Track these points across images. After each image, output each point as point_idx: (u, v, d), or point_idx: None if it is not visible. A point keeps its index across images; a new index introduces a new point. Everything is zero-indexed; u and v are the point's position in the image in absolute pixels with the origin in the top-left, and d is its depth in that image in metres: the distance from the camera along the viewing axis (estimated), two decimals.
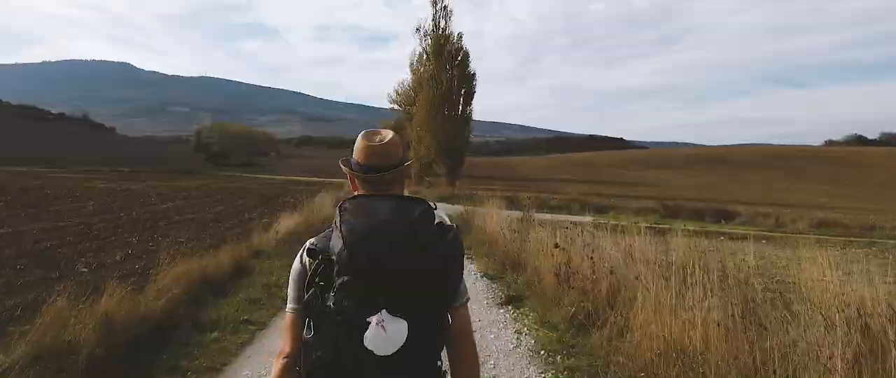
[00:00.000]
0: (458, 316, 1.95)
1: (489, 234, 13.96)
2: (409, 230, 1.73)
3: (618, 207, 36.27)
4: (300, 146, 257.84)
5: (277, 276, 9.65)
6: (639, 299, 5.53)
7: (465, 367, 1.96)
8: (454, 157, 55.02)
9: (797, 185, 78.45)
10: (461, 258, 1.87)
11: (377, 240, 1.69)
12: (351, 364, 1.70)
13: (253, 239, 12.77)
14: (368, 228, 1.71)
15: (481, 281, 10.10)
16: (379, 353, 1.66)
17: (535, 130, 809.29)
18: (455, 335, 1.94)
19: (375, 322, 1.65)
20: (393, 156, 2.02)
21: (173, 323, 6.59)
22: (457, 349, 1.97)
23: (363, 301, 1.68)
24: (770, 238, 23.77)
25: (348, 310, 1.67)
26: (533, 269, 9.04)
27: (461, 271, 1.90)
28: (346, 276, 1.69)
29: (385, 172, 1.99)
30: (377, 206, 1.80)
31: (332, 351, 1.71)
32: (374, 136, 2.05)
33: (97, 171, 77.20)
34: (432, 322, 1.79)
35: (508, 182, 70.01)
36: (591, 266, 7.01)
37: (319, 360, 1.73)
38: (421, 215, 1.78)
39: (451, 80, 54.10)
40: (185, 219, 18.68)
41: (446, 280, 1.79)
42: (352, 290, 1.68)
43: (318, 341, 1.74)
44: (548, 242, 9.31)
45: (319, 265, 1.75)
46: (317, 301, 1.73)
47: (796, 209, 38.56)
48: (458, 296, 1.92)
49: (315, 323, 1.76)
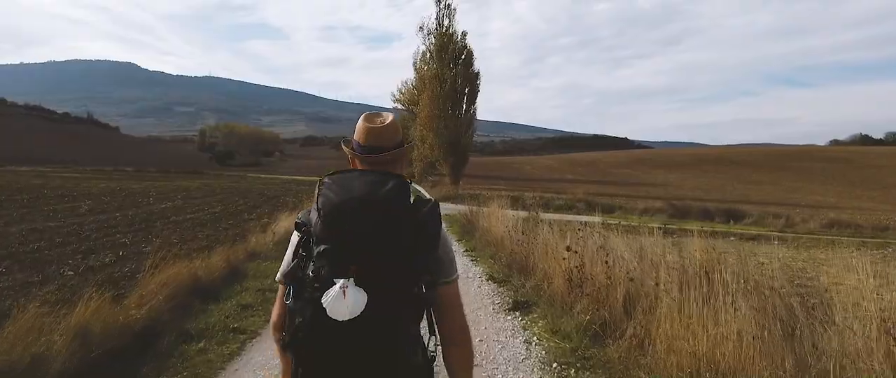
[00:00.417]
0: (443, 293, 1.98)
1: (494, 235, 13.46)
2: (380, 203, 1.78)
3: (625, 207, 35.77)
4: (305, 146, 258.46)
5: (272, 280, 9.18)
6: (661, 308, 5.04)
7: (452, 339, 2.00)
8: (458, 157, 54.45)
9: (807, 185, 77.81)
10: (435, 231, 1.89)
11: (349, 212, 1.75)
12: (326, 329, 1.71)
13: (249, 240, 12.33)
14: (341, 201, 1.77)
15: (487, 285, 9.62)
16: (335, 317, 1.67)
17: (540, 130, 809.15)
18: (441, 313, 1.99)
19: (339, 286, 1.67)
20: (392, 138, 2.10)
21: (157, 332, 6.14)
22: (445, 324, 2.00)
23: (338, 269, 1.71)
24: (781, 238, 23.27)
25: (324, 277, 1.72)
26: (542, 272, 8.54)
27: (435, 244, 1.92)
28: (322, 246, 1.76)
29: (383, 153, 2.07)
30: (353, 181, 1.85)
31: (310, 315, 1.73)
32: (374, 118, 2.15)
33: (101, 171, 77.25)
34: (403, 289, 1.79)
35: (513, 182, 69.61)
36: (606, 271, 6.51)
37: (300, 324, 1.76)
38: (393, 189, 1.82)
39: (455, 79, 53.50)
40: (182, 219, 18.25)
41: (416, 250, 1.81)
42: (328, 258, 1.74)
43: (298, 307, 1.78)
44: (556, 244, 8.83)
45: (302, 237, 1.85)
46: (298, 270, 1.81)
47: (806, 209, 37.99)
48: (440, 271, 1.97)
49: (296, 291, 1.81)
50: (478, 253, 13.09)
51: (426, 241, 1.86)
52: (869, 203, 54.85)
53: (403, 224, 1.78)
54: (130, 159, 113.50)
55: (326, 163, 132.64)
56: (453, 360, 2.03)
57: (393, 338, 1.78)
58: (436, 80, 52.98)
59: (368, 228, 1.74)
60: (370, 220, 1.75)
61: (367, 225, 1.74)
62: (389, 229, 1.76)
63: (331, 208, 1.77)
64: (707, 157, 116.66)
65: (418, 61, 57.26)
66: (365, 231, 1.74)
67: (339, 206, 1.76)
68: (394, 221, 1.77)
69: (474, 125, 56.71)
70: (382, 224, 1.75)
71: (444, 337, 2.01)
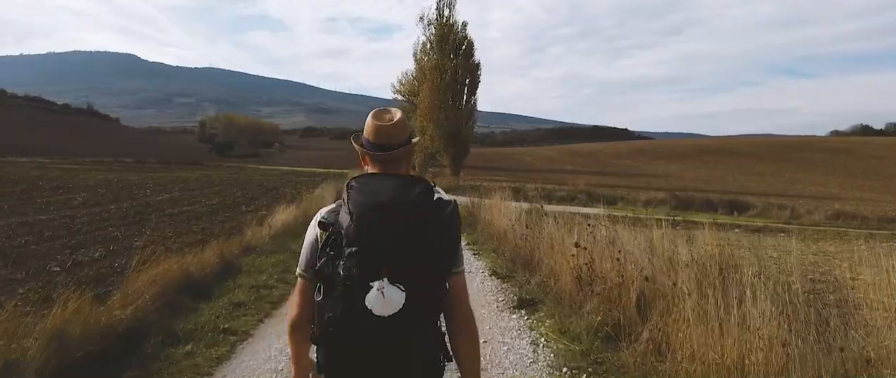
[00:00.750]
0: (453, 284, 2.07)
1: (497, 228, 13.09)
2: (409, 208, 1.87)
3: (627, 199, 35.41)
4: (304, 137, 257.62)
5: (267, 276, 8.87)
6: (681, 311, 4.68)
7: (460, 327, 2.10)
8: (458, 148, 54.08)
9: (809, 176, 77.23)
10: (457, 231, 2.00)
11: (380, 216, 1.83)
12: (357, 323, 1.82)
13: (245, 233, 11.97)
14: (373, 206, 1.85)
15: (490, 280, 9.27)
16: (378, 313, 1.79)
17: (540, 121, 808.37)
18: (451, 300, 2.06)
19: (376, 287, 1.77)
20: (401, 135, 2.16)
21: (143, 333, 5.79)
22: (453, 313, 2.10)
23: (368, 269, 1.80)
24: (787, 230, 22.92)
25: (355, 276, 1.80)
26: (547, 268, 8.18)
27: (457, 243, 2.05)
28: (353, 247, 1.82)
29: (392, 151, 2.13)
30: (381, 185, 1.94)
31: (341, 311, 1.83)
32: (383, 115, 2.19)
33: (101, 163, 76.79)
34: (430, 289, 1.90)
35: (513, 173, 69.19)
36: (617, 269, 6.15)
37: (330, 319, 1.86)
38: (420, 194, 1.91)
39: (456, 69, 53.06)
40: (178, 211, 17.87)
41: (442, 252, 1.93)
42: (358, 259, 1.81)
43: (329, 303, 1.86)
44: (562, 239, 8.49)
45: (330, 236, 1.90)
46: (328, 268, 1.87)
47: (810, 200, 37.61)
48: (454, 264, 2.06)
49: (326, 287, 1.88)
50: (480, 247, 12.74)
51: (449, 243, 1.98)
52: (871, 193, 54.39)
53: (430, 228, 1.88)
54: (131, 150, 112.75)
55: (326, 154, 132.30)
56: (462, 346, 2.13)
57: (420, 333, 1.91)
58: (436, 71, 52.57)
59: (398, 232, 1.83)
60: (399, 225, 1.84)
61: (397, 229, 1.83)
62: (417, 233, 1.85)
63: (362, 212, 1.85)
64: (708, 148, 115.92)
65: (418, 52, 56.79)
66: (395, 234, 1.83)
67: (370, 210, 1.85)
68: (421, 226, 1.86)
69: (475, 116, 56.34)
70: (411, 228, 1.85)
71: (453, 324, 2.12)
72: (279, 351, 5.73)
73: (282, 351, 5.73)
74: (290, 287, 8.53)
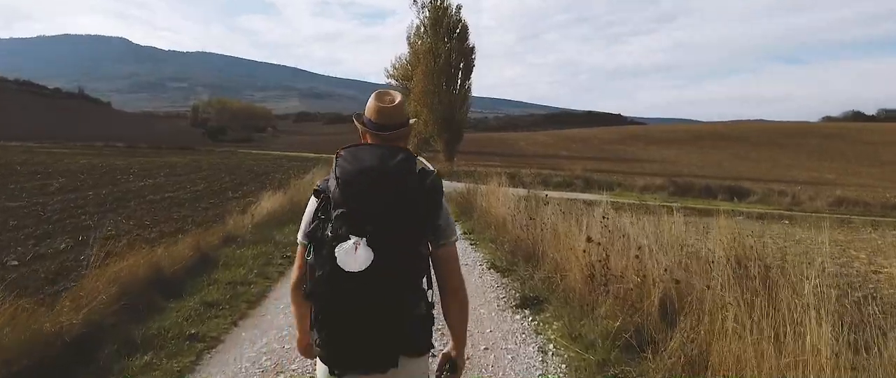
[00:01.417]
0: (443, 253, 2.20)
1: (494, 216, 12.36)
2: (389, 173, 2.01)
3: (624, 185, 34.75)
4: (298, 122, 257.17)
5: (247, 270, 8.13)
6: (719, 320, 3.98)
7: (451, 294, 2.24)
8: (452, 133, 53.32)
9: (803, 161, 76.94)
10: (437, 198, 2.14)
11: (364, 181, 1.98)
12: (344, 280, 1.93)
13: (228, 222, 11.23)
14: (357, 171, 2.00)
15: (489, 274, 8.55)
16: (346, 269, 1.90)
17: (534, 106, 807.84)
18: (441, 269, 2.22)
19: (351, 242, 1.89)
20: (400, 116, 2.32)
21: (97, 340, 5.08)
22: (444, 279, 2.23)
23: (354, 230, 1.92)
24: (790, 217, 22.30)
25: (342, 236, 1.92)
26: (552, 262, 7.45)
27: (437, 209, 2.15)
28: (340, 210, 1.97)
29: (391, 131, 2.28)
30: (366, 153, 2.07)
31: (329, 269, 1.94)
32: (385, 97, 2.35)
33: (91, 147, 76.18)
34: (410, 248, 2.02)
35: (508, 158, 68.51)
36: (637, 268, 5.43)
37: (319, 277, 1.98)
38: (401, 162, 2.04)
39: (450, 53, 52.18)
40: (159, 198, 17.07)
41: (420, 214, 2.06)
42: (345, 219, 1.95)
43: (317, 262, 1.99)
44: (567, 229, 7.79)
45: (321, 202, 2.07)
46: (319, 230, 2.01)
47: (810, 186, 37.01)
48: (441, 234, 2.18)
49: (316, 248, 2.01)
50: (477, 236, 12.02)
51: (430, 205, 2.10)
52: (868, 180, 53.98)
53: (410, 191, 2.02)
54: (123, 135, 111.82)
55: (319, 138, 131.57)
56: (452, 311, 2.27)
57: (401, 289, 2.01)
58: (430, 55, 51.73)
59: (380, 195, 1.97)
60: (381, 188, 1.98)
61: (379, 192, 1.97)
62: (398, 195, 1.99)
63: (347, 177, 1.98)
64: (702, 133, 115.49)
65: (412, 35, 55.80)
66: (377, 197, 1.97)
67: (354, 175, 1.98)
68: (402, 189, 2.00)
69: (469, 101, 55.59)
70: (392, 191, 1.99)
71: (444, 290, 2.24)
72: (252, 361, 5.03)
73: (255, 361, 5.03)
74: (270, 282, 7.84)
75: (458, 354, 2.30)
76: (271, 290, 7.50)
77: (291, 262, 8.93)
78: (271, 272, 8.31)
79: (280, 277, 8.12)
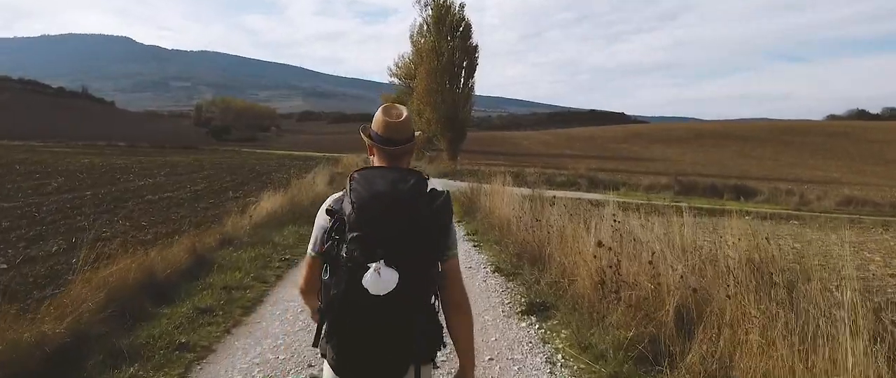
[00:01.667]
0: (447, 266, 2.25)
1: (499, 217, 12.09)
2: (403, 198, 2.06)
3: (628, 184, 34.40)
4: (301, 121, 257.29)
5: (243, 274, 7.87)
6: (741, 332, 3.70)
7: (455, 310, 2.28)
8: (456, 132, 53.05)
9: (807, 159, 76.49)
10: (448, 220, 2.19)
11: (378, 206, 2.03)
12: (357, 300, 1.99)
13: (226, 223, 10.98)
14: (371, 196, 2.05)
15: (493, 278, 8.28)
16: (373, 292, 1.95)
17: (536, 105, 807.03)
18: (445, 282, 2.26)
19: (373, 268, 1.94)
20: (406, 131, 2.37)
21: (83, 350, 4.82)
22: (447, 294, 2.27)
23: (367, 252, 1.98)
24: (799, 217, 21.98)
25: (356, 258, 1.99)
26: (559, 266, 7.17)
27: (447, 230, 2.22)
28: (355, 233, 2.01)
29: (398, 146, 2.34)
30: (378, 178, 2.12)
31: (344, 289, 2.02)
32: (392, 112, 2.39)
33: (93, 146, 76.03)
34: (423, 270, 2.08)
35: (511, 157, 68.22)
36: (651, 274, 5.15)
37: (335, 296, 2.04)
38: (414, 186, 2.10)
39: (453, 51, 51.97)
40: (158, 198, 16.82)
41: (433, 236, 2.11)
42: (359, 243, 2.00)
43: (333, 282, 2.06)
44: (574, 231, 7.52)
45: (335, 222, 2.11)
46: (333, 250, 2.08)
47: (815, 186, 36.65)
48: (446, 249, 2.23)
49: (331, 268, 2.09)
50: (481, 237, 11.76)
51: (440, 229, 2.17)
52: (874, 178, 53.52)
53: (422, 218, 2.07)
54: (126, 134, 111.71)
55: (323, 138, 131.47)
56: (456, 326, 2.30)
57: (413, 309, 2.09)
58: (433, 53, 51.51)
59: (393, 220, 2.02)
60: (394, 213, 2.03)
61: (392, 217, 2.03)
62: (411, 221, 2.04)
63: (362, 203, 2.04)
64: (705, 132, 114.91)
65: (415, 34, 55.57)
66: (390, 222, 2.02)
67: (368, 200, 2.04)
68: (415, 215, 2.05)
69: (472, 99, 55.29)
70: (405, 216, 2.04)
71: (447, 303, 2.29)
72: (244, 373, 4.77)
73: (247, 373, 4.77)
74: (267, 286, 7.59)
75: (467, 374, 2.35)
76: (268, 294, 7.24)
77: (289, 265, 8.71)
78: (268, 276, 8.07)
79: (277, 281, 7.87)
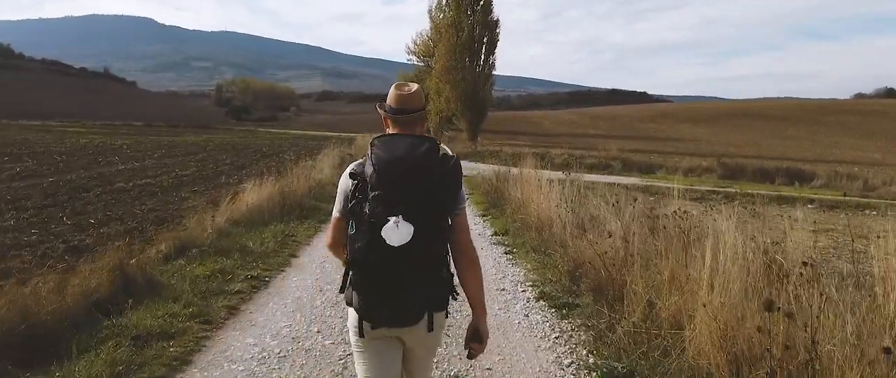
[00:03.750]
0: (457, 221, 2.51)
1: (536, 213, 9.54)
2: (419, 161, 2.32)
3: (666, 166, 31.70)
4: (320, 101, 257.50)
5: (181, 307, 5.41)
6: None
7: (464, 257, 2.54)
8: (476, 111, 50.63)
9: (845, 139, 73.21)
10: (457, 179, 2.45)
11: (396, 167, 2.29)
12: (380, 250, 2.23)
13: (190, 221, 8.57)
14: (390, 159, 2.31)
15: (538, 311, 5.77)
16: (392, 243, 2.20)
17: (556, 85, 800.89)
18: (455, 233, 2.51)
19: (392, 221, 2.20)
20: (416, 102, 2.62)
21: None
22: (455, 243, 2.52)
23: (388, 208, 2.24)
24: (870, 206, 19.28)
25: (378, 214, 2.25)
26: (644, 303, 4.72)
27: (458, 189, 2.47)
28: (376, 192, 2.28)
29: (408, 115, 2.58)
30: (396, 143, 2.38)
31: (367, 241, 2.26)
32: (403, 87, 2.64)
33: (110, 126, 75.54)
34: (436, 224, 2.34)
35: (533, 137, 65.58)
36: None
37: (359, 248, 2.29)
38: (428, 150, 2.35)
39: (473, 27, 49.44)
40: (130, 186, 14.49)
41: (445, 195, 2.37)
42: (380, 200, 2.27)
43: (358, 236, 2.31)
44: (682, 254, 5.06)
45: (358, 184, 2.37)
46: (357, 208, 2.34)
47: (881, 169, 33.64)
48: (456, 205, 2.47)
49: (356, 224, 2.34)
50: (513, 240, 9.26)
51: (451, 187, 2.42)
52: None
53: (435, 177, 2.34)
54: (147, 114, 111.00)
55: (340, 118, 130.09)
56: (466, 276, 2.56)
57: (429, 258, 2.35)
58: (452, 29, 49.23)
59: (410, 179, 2.29)
60: (411, 174, 2.30)
61: (410, 177, 2.29)
62: (426, 180, 2.31)
63: (382, 165, 2.30)
64: (734, 112, 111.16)
65: (433, 9, 53.19)
66: (408, 181, 2.29)
67: (387, 162, 2.30)
68: (428, 174, 2.32)
69: (493, 78, 52.83)
70: (420, 177, 2.31)
71: (457, 254, 2.55)
72: None
73: None
74: (209, 331, 5.07)
75: (481, 322, 2.58)
76: (204, 350, 4.76)
77: (257, 288, 6.28)
78: (216, 310, 5.57)
79: (228, 320, 5.40)
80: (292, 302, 5.98)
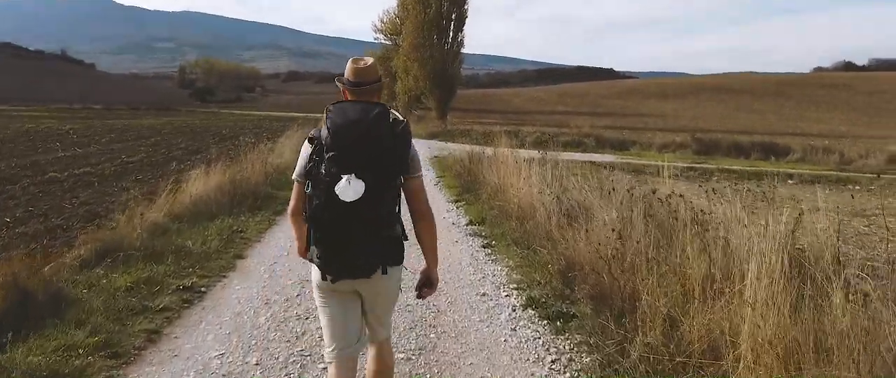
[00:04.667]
0: (412, 184, 2.74)
1: (515, 199, 8.59)
2: (370, 124, 2.52)
3: (640, 142, 31.02)
4: (287, 81, 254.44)
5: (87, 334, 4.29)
6: None
7: (418, 216, 2.79)
8: (445, 89, 49.52)
9: (811, 112, 73.80)
10: (406, 142, 2.63)
11: (349, 130, 2.49)
12: (335, 209, 2.43)
13: (119, 218, 7.42)
14: (344, 123, 2.51)
15: (526, 324, 4.81)
16: (345, 199, 2.40)
17: (524, 62, 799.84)
18: (410, 197, 2.75)
19: (345, 179, 2.39)
20: (372, 74, 2.82)
21: None
22: (413, 207, 2.77)
23: (342, 168, 2.43)
24: (851, 180, 18.70)
25: (333, 174, 2.43)
26: (662, 317, 3.78)
27: (407, 151, 2.65)
28: (331, 153, 2.47)
29: (364, 86, 2.78)
30: (350, 108, 2.60)
31: (323, 199, 2.46)
32: (359, 61, 2.84)
33: (68, 110, 73.38)
34: (386, 182, 2.55)
35: (503, 115, 64.65)
36: None
37: (317, 205, 2.49)
38: (378, 114, 2.54)
39: (440, 2, 48.14)
40: (67, 175, 13.17)
41: (394, 156, 2.56)
42: (335, 161, 2.46)
43: (315, 195, 2.50)
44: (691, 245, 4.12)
45: (316, 146, 2.57)
46: (314, 169, 2.55)
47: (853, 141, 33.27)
48: (410, 169, 2.69)
49: (312, 184, 2.54)
50: (491, 231, 8.29)
51: (401, 147, 2.60)
52: (885, 130, 50.58)
53: (385, 138, 2.52)
54: (107, 97, 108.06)
55: (307, 98, 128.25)
56: (421, 231, 2.83)
57: (378, 212, 2.53)
58: (419, 5, 47.91)
59: (363, 141, 2.48)
60: (364, 136, 2.49)
61: (362, 139, 2.48)
62: (377, 141, 2.50)
63: (336, 128, 2.50)
64: (702, 86, 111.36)
65: None
66: (360, 143, 2.48)
67: (342, 126, 2.50)
68: (379, 136, 2.51)
69: (462, 56, 51.71)
70: (372, 138, 2.50)
71: (414, 213, 2.81)
72: None
73: None
74: (119, 367, 4.03)
75: (432, 270, 2.88)
76: None
77: (191, 302, 5.15)
78: (129, 338, 4.47)
79: (147, 350, 4.32)
80: (230, 320, 4.90)
